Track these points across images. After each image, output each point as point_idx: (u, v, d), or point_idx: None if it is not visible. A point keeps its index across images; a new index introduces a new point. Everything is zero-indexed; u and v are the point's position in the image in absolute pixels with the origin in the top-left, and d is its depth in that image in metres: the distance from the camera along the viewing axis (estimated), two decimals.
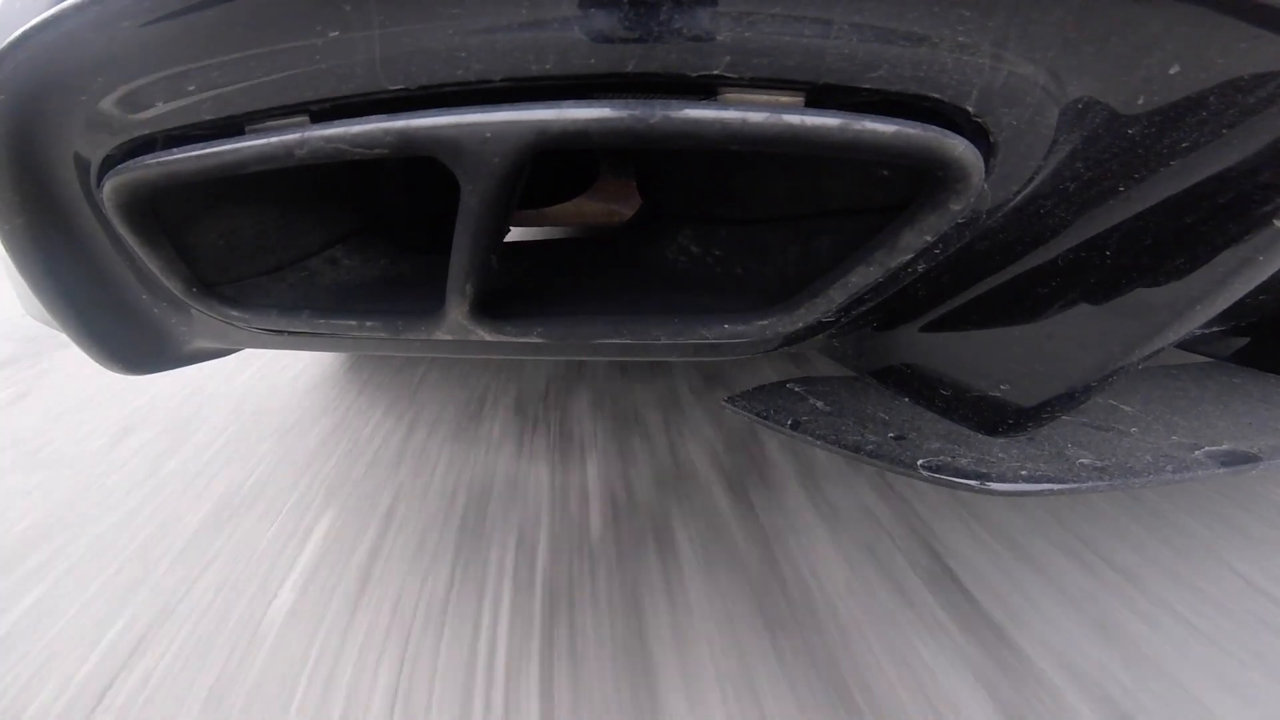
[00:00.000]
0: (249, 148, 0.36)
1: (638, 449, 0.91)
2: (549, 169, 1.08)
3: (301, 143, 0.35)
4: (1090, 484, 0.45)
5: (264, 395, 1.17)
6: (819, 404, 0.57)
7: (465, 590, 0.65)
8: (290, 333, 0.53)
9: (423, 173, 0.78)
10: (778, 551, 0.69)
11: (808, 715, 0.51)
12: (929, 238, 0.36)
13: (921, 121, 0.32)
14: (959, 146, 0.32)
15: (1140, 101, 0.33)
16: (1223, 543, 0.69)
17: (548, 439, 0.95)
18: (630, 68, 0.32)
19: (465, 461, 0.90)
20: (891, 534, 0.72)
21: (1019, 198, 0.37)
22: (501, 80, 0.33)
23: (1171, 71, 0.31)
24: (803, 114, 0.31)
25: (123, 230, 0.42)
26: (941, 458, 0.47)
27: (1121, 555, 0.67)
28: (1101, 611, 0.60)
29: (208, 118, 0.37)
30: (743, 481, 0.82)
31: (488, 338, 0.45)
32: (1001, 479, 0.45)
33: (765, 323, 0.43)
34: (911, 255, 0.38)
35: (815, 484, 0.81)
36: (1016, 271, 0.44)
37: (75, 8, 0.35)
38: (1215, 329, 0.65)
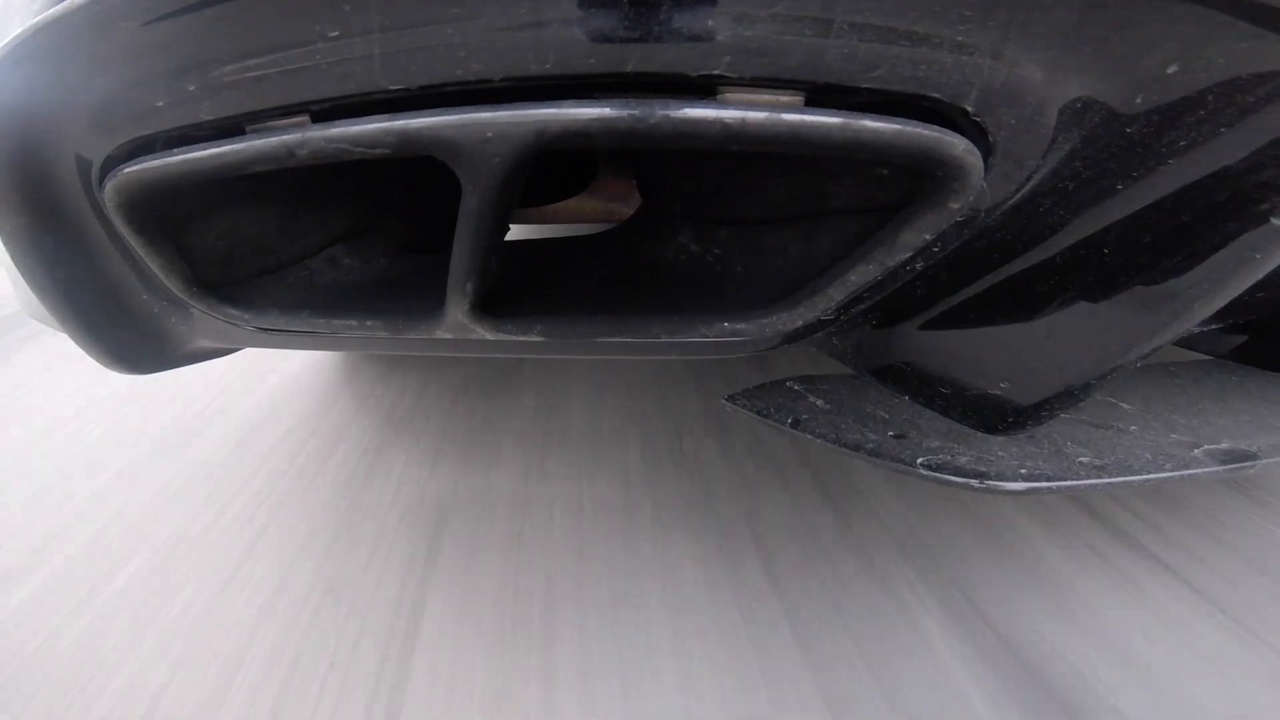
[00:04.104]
0: (250, 148, 0.36)
1: None
2: (548, 168, 1.08)
3: (302, 143, 0.35)
4: (1089, 482, 0.45)
5: None
6: (819, 402, 0.57)
7: None
8: (291, 332, 0.53)
9: (423, 172, 0.78)
10: None
11: None
12: (928, 236, 0.36)
13: (921, 121, 0.32)
14: (958, 146, 0.32)
15: (1139, 101, 0.33)
16: None
17: None
18: (630, 67, 0.32)
19: None
20: None
21: (1018, 196, 0.37)
22: (502, 80, 0.33)
23: (1170, 71, 0.31)
24: (803, 114, 0.31)
25: (123, 230, 0.42)
26: (941, 456, 0.47)
27: None
28: None
29: (208, 118, 0.37)
30: None
31: (488, 336, 0.45)
32: (1000, 477, 0.45)
33: (765, 321, 0.43)
34: (910, 254, 0.38)
35: None
36: (1015, 269, 0.44)
37: (75, 8, 0.35)
38: (1213, 326, 0.65)
